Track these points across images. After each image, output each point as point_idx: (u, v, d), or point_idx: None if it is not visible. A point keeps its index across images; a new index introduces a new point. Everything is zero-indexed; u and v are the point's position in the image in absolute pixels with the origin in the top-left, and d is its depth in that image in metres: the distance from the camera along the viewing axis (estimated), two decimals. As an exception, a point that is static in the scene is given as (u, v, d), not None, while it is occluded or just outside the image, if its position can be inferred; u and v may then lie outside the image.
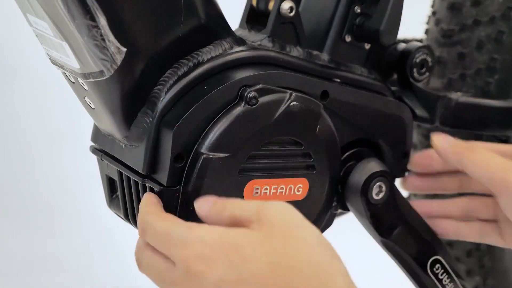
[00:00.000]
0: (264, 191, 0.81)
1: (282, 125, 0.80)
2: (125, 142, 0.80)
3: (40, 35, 0.78)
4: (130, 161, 0.80)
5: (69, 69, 0.77)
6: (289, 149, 0.82)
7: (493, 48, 1.01)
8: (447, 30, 1.03)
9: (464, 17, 1.02)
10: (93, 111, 0.81)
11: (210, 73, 0.79)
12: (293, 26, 0.85)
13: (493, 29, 1.01)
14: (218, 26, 0.80)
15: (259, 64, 0.81)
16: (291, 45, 0.85)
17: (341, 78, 0.87)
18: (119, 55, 0.73)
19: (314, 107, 0.82)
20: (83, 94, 0.80)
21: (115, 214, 0.88)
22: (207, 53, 0.79)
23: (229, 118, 0.77)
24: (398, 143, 0.92)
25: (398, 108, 0.91)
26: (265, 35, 0.84)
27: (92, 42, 0.72)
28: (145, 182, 0.78)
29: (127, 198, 0.83)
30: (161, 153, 0.77)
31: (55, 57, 0.78)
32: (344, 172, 0.88)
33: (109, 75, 0.74)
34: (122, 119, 0.78)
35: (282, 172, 0.81)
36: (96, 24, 0.71)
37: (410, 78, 0.93)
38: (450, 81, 1.02)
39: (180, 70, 0.78)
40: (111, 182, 0.86)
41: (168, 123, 0.77)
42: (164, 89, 0.78)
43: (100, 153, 0.84)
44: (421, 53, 0.93)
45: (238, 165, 0.78)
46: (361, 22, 0.88)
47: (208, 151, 0.77)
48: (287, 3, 0.83)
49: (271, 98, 0.79)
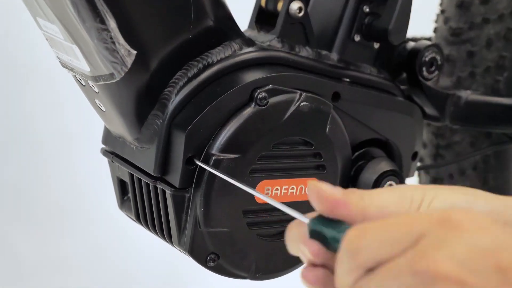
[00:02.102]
0: (275, 192, 0.81)
1: (292, 126, 0.80)
2: (136, 144, 0.80)
3: (51, 38, 0.78)
4: (141, 163, 0.80)
5: (80, 72, 0.78)
6: (299, 149, 0.82)
7: (502, 46, 1.01)
8: (456, 28, 1.03)
9: (473, 15, 1.02)
10: (104, 113, 0.81)
11: (220, 75, 0.79)
12: (302, 26, 0.85)
13: (502, 26, 1.01)
14: (227, 27, 0.80)
15: (268, 65, 0.81)
16: (300, 45, 0.85)
17: (350, 78, 0.87)
18: (129, 58, 0.73)
19: (324, 107, 0.82)
20: (93, 97, 0.80)
21: (127, 216, 0.88)
22: (217, 55, 0.79)
23: (240, 119, 0.78)
24: (407, 143, 0.92)
25: (407, 108, 0.91)
26: (274, 35, 0.84)
27: (102, 45, 0.72)
28: (156, 184, 0.79)
29: (138, 200, 0.83)
30: (173, 155, 0.77)
31: (65, 60, 0.79)
32: (355, 171, 0.88)
33: (119, 78, 0.74)
34: (132, 121, 0.78)
35: (292, 172, 0.82)
36: (106, 27, 0.71)
37: (419, 76, 0.93)
38: (459, 79, 1.02)
39: (190, 72, 0.78)
40: (122, 184, 0.86)
41: (179, 125, 0.77)
42: (174, 91, 0.78)
43: (111, 155, 0.85)
44: (430, 51, 0.93)
45: (249, 166, 0.79)
46: (370, 22, 0.88)
47: (219, 152, 0.77)
48: (296, 3, 0.83)
49: (281, 98, 0.79)
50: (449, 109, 0.95)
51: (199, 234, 0.79)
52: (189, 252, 0.79)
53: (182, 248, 0.80)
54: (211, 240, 0.79)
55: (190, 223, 0.78)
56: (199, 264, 0.80)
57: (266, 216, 0.81)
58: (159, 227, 0.82)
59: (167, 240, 0.81)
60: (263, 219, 0.81)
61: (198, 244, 0.79)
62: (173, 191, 0.77)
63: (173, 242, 0.81)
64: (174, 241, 0.80)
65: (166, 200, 0.79)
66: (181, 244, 0.79)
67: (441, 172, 1.09)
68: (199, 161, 0.77)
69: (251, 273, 0.83)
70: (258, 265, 0.82)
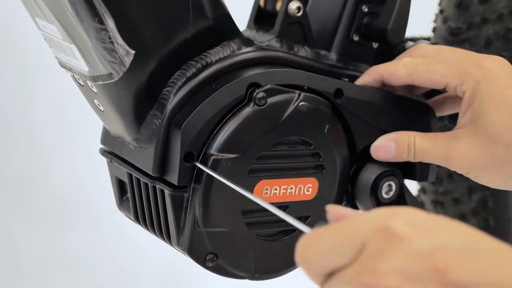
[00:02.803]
0: (274, 192, 0.81)
1: (291, 125, 0.80)
2: (135, 144, 0.80)
3: (49, 38, 0.78)
4: (140, 163, 0.80)
5: (78, 72, 0.78)
6: (298, 149, 0.82)
7: (501, 45, 1.01)
8: (454, 28, 1.03)
9: (472, 15, 1.02)
10: (102, 113, 0.81)
11: (219, 74, 0.79)
12: (300, 26, 0.85)
13: (501, 26, 1.01)
14: (226, 27, 0.80)
15: (267, 65, 0.81)
16: (299, 45, 0.85)
17: (349, 78, 0.87)
18: (127, 58, 0.73)
19: (322, 107, 0.82)
20: (92, 97, 0.80)
21: (125, 216, 0.88)
22: (216, 54, 0.79)
23: (238, 119, 0.78)
24: None
25: (420, 106, 0.89)
26: (273, 35, 0.84)
27: (101, 44, 0.72)
28: (155, 184, 0.79)
29: (137, 200, 0.83)
30: (171, 154, 0.77)
31: (64, 60, 0.79)
32: (354, 171, 0.88)
33: (118, 78, 0.74)
34: (131, 121, 0.78)
35: (291, 172, 0.81)
36: (105, 27, 0.71)
37: (418, 76, 0.92)
38: (458, 79, 1.02)
39: (188, 72, 0.78)
40: (121, 184, 0.86)
41: (177, 124, 0.77)
42: (173, 91, 0.78)
43: (110, 155, 0.85)
44: (429, 51, 0.92)
45: (247, 166, 0.79)
46: (368, 21, 0.88)
47: (218, 152, 0.77)
48: (295, 3, 0.83)
49: (279, 98, 0.79)
50: (449, 109, 0.95)
51: (198, 234, 0.79)
52: (188, 252, 0.79)
53: (181, 248, 0.80)
54: (210, 240, 0.79)
55: (189, 223, 0.78)
56: (198, 264, 0.80)
57: (265, 216, 0.81)
58: (157, 227, 0.82)
59: (166, 240, 0.81)
60: (262, 219, 0.81)
61: (197, 244, 0.79)
62: (172, 191, 0.77)
63: (172, 242, 0.81)
64: (173, 241, 0.80)
65: (165, 200, 0.79)
66: (180, 244, 0.79)
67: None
68: (198, 161, 0.77)
69: (250, 273, 0.83)
70: (257, 265, 0.82)
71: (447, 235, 0.53)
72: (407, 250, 0.52)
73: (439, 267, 0.51)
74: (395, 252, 0.53)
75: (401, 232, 0.53)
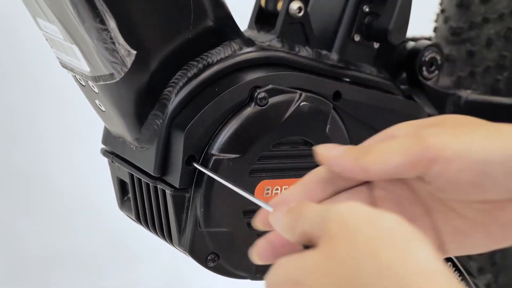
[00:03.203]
0: (275, 192, 0.81)
1: (292, 125, 0.80)
2: (136, 144, 0.80)
3: (50, 38, 0.78)
4: (141, 163, 0.80)
5: (80, 72, 0.78)
6: (299, 149, 0.82)
7: (502, 45, 1.01)
8: (456, 28, 1.03)
9: (473, 14, 1.02)
10: (104, 113, 0.81)
11: (220, 75, 0.79)
12: (302, 26, 0.85)
13: (502, 26, 1.01)
14: (227, 27, 0.80)
15: (268, 65, 0.81)
16: (300, 45, 0.85)
17: (350, 78, 0.87)
18: (129, 58, 0.73)
19: (323, 107, 0.82)
20: (93, 97, 0.80)
21: (127, 216, 0.88)
22: (217, 55, 0.79)
23: (240, 119, 0.78)
24: None
25: (412, 107, 0.90)
26: (274, 35, 0.84)
27: (102, 45, 0.72)
28: (156, 184, 0.79)
29: (139, 200, 0.83)
30: (173, 155, 0.77)
31: (65, 60, 0.79)
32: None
33: (119, 78, 0.74)
34: (132, 122, 0.78)
35: (292, 172, 0.82)
36: (106, 27, 0.71)
37: (419, 76, 0.93)
38: (459, 79, 1.02)
39: (190, 72, 0.78)
40: (122, 184, 0.86)
41: (179, 125, 0.77)
42: (174, 91, 0.78)
43: (111, 156, 0.85)
44: (430, 51, 0.93)
45: (249, 166, 0.79)
46: (369, 21, 0.88)
47: (219, 152, 0.77)
48: (296, 3, 0.83)
49: (281, 98, 0.79)
50: (449, 109, 0.95)
51: (199, 234, 0.79)
52: (189, 252, 0.79)
53: (182, 248, 0.80)
54: (211, 240, 0.79)
55: (190, 223, 0.78)
56: (199, 264, 0.80)
57: (266, 216, 0.81)
58: (159, 227, 0.82)
59: (167, 240, 0.81)
60: (263, 219, 0.81)
61: (198, 244, 0.79)
62: (173, 191, 0.77)
63: (173, 242, 0.81)
64: (174, 241, 0.80)
65: (166, 200, 0.79)
66: (181, 244, 0.79)
67: None
68: (199, 161, 0.77)
69: (252, 273, 0.83)
70: (259, 265, 0.82)
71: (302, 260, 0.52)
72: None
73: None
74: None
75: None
